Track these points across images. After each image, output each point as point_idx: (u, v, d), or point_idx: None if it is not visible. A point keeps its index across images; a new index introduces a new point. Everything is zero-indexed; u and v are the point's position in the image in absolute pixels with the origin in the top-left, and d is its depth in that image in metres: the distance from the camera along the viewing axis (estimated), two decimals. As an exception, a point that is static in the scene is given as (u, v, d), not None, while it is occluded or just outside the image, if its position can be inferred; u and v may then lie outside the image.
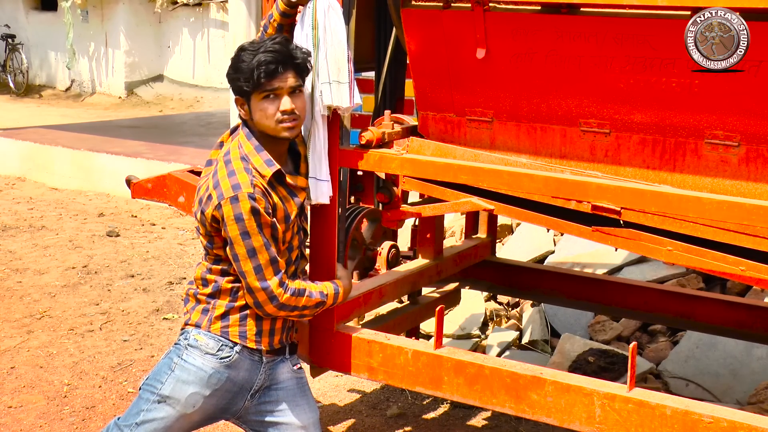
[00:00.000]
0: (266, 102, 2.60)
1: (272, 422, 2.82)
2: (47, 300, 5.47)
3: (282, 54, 2.59)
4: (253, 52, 2.59)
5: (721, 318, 3.64)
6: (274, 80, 2.58)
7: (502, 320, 4.78)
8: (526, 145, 2.91)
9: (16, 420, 3.85)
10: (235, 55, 2.65)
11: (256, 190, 2.57)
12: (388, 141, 3.07)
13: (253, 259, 2.59)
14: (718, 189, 2.56)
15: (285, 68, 2.59)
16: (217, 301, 2.72)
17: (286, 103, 2.60)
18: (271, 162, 2.64)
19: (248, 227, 2.56)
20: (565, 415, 2.67)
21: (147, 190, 4.00)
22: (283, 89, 2.60)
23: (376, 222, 3.62)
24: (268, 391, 2.81)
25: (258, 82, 2.57)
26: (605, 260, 4.81)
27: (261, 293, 2.61)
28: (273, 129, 2.63)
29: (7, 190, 8.89)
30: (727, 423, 2.42)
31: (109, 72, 15.39)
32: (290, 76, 2.61)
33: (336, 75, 2.77)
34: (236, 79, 2.62)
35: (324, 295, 2.75)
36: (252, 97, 2.61)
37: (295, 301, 2.66)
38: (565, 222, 2.81)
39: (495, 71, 2.87)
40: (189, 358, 2.71)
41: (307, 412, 2.84)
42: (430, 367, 2.90)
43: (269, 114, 2.61)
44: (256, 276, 2.60)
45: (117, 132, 10.45)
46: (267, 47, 2.59)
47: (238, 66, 2.61)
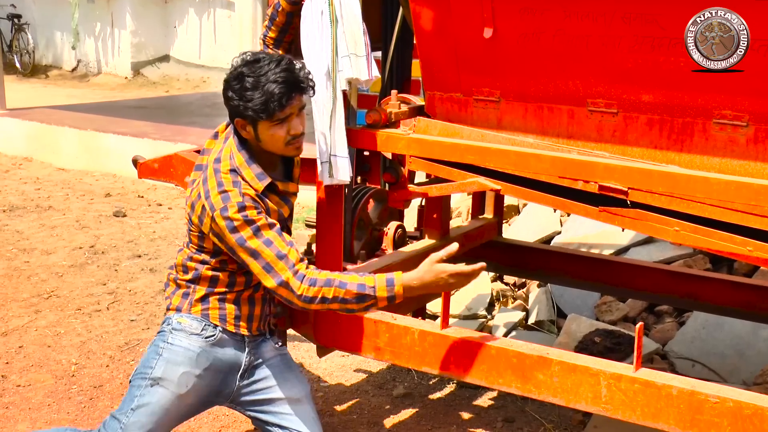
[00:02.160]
0: (276, 128, 2.62)
1: (266, 399, 2.87)
2: (54, 280, 5.48)
3: (291, 82, 2.59)
4: (259, 78, 2.56)
5: (727, 299, 3.64)
6: (287, 108, 2.59)
7: (509, 301, 4.79)
8: (533, 125, 2.90)
9: (25, 399, 3.88)
10: (234, 79, 2.61)
11: (246, 198, 2.61)
12: (394, 121, 3.06)
13: (259, 260, 2.60)
14: (726, 169, 2.55)
15: (295, 94, 2.60)
16: (196, 286, 2.78)
17: (297, 126, 2.64)
18: (263, 176, 2.67)
19: (244, 234, 2.59)
20: (571, 395, 2.68)
21: (153, 170, 4.00)
22: (293, 114, 2.62)
23: (382, 202, 3.62)
24: (256, 369, 2.87)
25: (272, 112, 2.57)
26: (612, 241, 4.80)
27: (281, 290, 2.61)
28: (282, 150, 2.67)
29: (14, 171, 8.90)
30: (733, 403, 2.42)
31: (115, 52, 15.36)
32: (298, 101, 2.63)
33: (354, 48, 2.79)
34: (243, 107, 2.59)
35: (365, 287, 2.59)
36: (260, 123, 2.61)
37: (323, 292, 2.58)
38: (572, 202, 2.80)
39: (502, 51, 2.86)
40: (175, 340, 2.76)
41: (297, 386, 2.90)
42: (437, 347, 2.91)
43: (279, 137, 2.63)
44: (268, 275, 2.60)
45: (123, 112, 10.45)
46: (276, 75, 2.56)
47: (245, 95, 2.57)
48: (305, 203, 7.03)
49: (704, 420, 2.46)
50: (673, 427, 2.53)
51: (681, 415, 2.50)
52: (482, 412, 3.78)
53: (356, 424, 3.68)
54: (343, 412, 3.78)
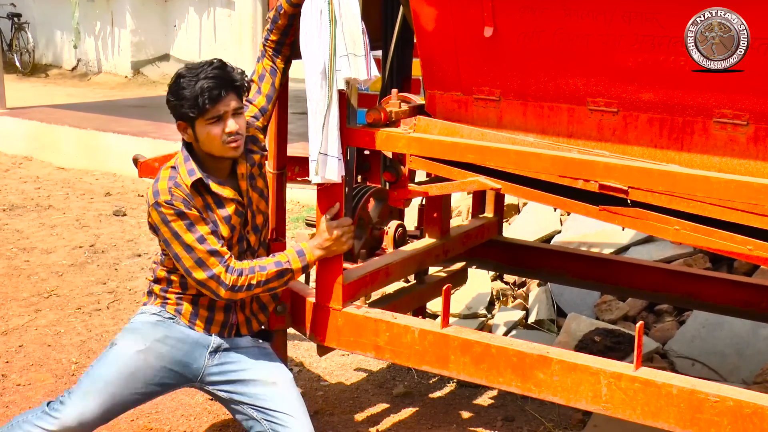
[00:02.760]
0: (211, 125, 2.70)
1: (238, 380, 2.90)
2: (54, 279, 5.49)
3: (222, 79, 2.70)
4: (192, 78, 2.69)
5: (727, 298, 3.64)
6: (219, 105, 2.69)
7: (509, 300, 4.79)
8: (534, 124, 2.90)
9: (25, 398, 3.88)
10: (173, 82, 2.75)
11: (175, 195, 2.71)
12: (395, 120, 3.06)
13: (192, 254, 2.72)
14: (727, 168, 2.55)
15: (227, 92, 2.70)
16: (157, 285, 2.91)
17: (231, 124, 2.71)
18: (193, 172, 2.76)
19: (176, 227, 2.72)
20: (571, 394, 2.68)
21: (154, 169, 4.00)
22: (227, 112, 2.70)
23: (382, 201, 3.62)
24: (229, 351, 2.92)
25: (203, 107, 2.67)
26: (612, 240, 4.80)
27: (210, 282, 2.73)
28: (219, 150, 2.74)
29: (14, 170, 8.90)
30: (733, 402, 2.42)
31: (115, 51, 15.36)
32: (232, 99, 2.72)
33: (352, 48, 2.78)
34: (179, 105, 2.71)
35: (281, 263, 2.82)
36: (197, 122, 2.71)
37: (248, 279, 2.75)
38: (572, 201, 2.80)
39: (502, 50, 2.86)
40: (134, 318, 2.90)
41: (274, 369, 2.93)
42: (437, 346, 2.91)
43: (215, 136, 2.71)
44: (200, 268, 2.72)
45: (123, 111, 10.45)
46: (207, 73, 2.68)
47: (180, 93, 2.70)
48: (305, 202, 7.03)
49: (704, 419, 2.47)
50: (673, 426, 2.53)
51: (681, 414, 2.50)
52: (482, 411, 3.78)
53: (356, 423, 3.68)
54: (343, 411, 3.78)
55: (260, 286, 2.79)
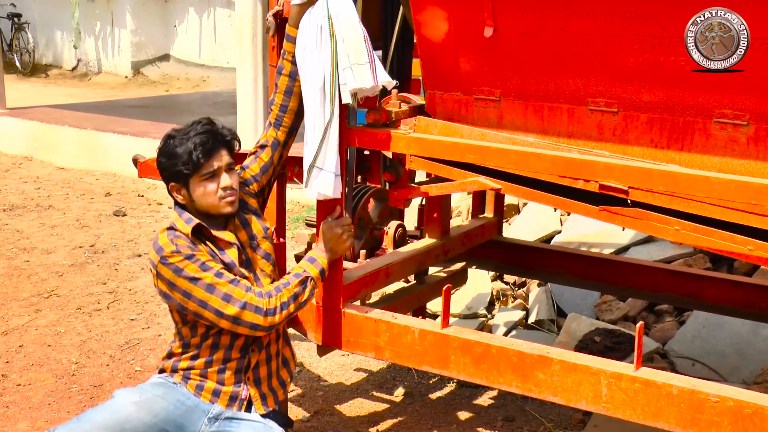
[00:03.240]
0: (206, 182, 2.69)
1: None
2: (55, 279, 5.49)
3: (212, 134, 2.71)
4: (183, 137, 2.69)
5: (727, 298, 3.64)
6: (212, 159, 2.68)
7: (509, 300, 4.79)
8: (534, 124, 2.90)
9: (25, 398, 3.88)
10: (163, 144, 2.74)
11: (179, 245, 2.64)
12: (395, 120, 3.06)
13: (216, 292, 2.63)
14: (727, 168, 2.55)
15: (219, 146, 2.70)
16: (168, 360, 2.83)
17: (225, 179, 2.71)
18: (191, 219, 2.72)
19: (191, 272, 2.63)
20: (571, 394, 2.68)
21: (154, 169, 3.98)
22: (221, 168, 2.70)
23: (382, 201, 3.62)
24: (231, 421, 2.76)
25: (198, 163, 2.65)
26: (612, 240, 4.80)
27: (245, 314, 2.64)
28: (215, 206, 2.72)
29: (14, 170, 8.90)
30: (733, 402, 2.42)
31: (115, 51, 15.36)
32: (225, 154, 2.72)
33: (355, 58, 2.77)
34: (173, 165, 2.69)
35: (299, 274, 2.80)
36: (191, 180, 2.69)
37: (279, 298, 2.70)
38: (573, 201, 2.80)
39: (503, 50, 2.86)
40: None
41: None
42: (437, 346, 2.91)
43: (210, 192, 2.69)
44: (229, 303, 2.63)
45: (123, 111, 10.45)
46: (197, 131, 2.69)
47: (172, 152, 2.68)
48: (305, 202, 7.03)
49: (704, 419, 2.46)
50: (673, 426, 2.53)
51: (681, 414, 2.50)
52: (482, 411, 3.78)
53: (356, 423, 3.68)
54: (344, 411, 3.78)
55: (292, 301, 2.72)
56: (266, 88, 7.21)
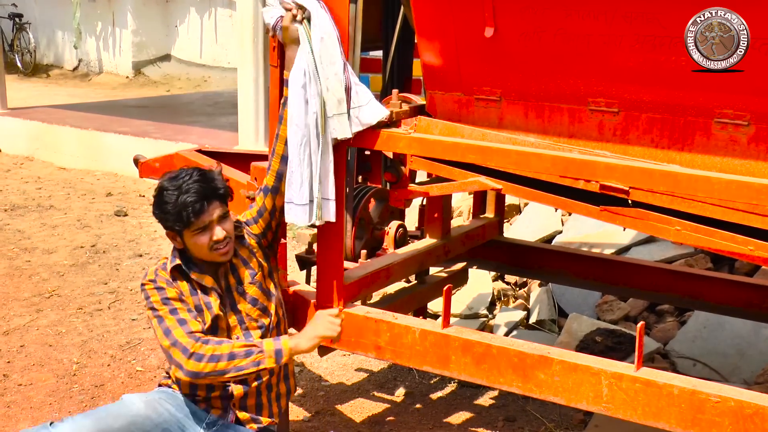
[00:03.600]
0: (198, 235, 2.73)
1: None
2: (56, 279, 5.49)
3: (204, 190, 2.71)
4: (174, 192, 2.71)
5: (728, 298, 3.64)
6: (203, 216, 2.71)
7: (510, 300, 4.79)
8: (534, 124, 2.90)
9: (26, 398, 3.88)
10: (157, 194, 2.78)
11: (159, 276, 2.77)
12: (395, 120, 3.06)
13: (162, 324, 2.72)
14: (728, 168, 2.55)
15: (210, 202, 2.72)
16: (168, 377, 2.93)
17: (218, 233, 2.74)
18: (174, 260, 2.80)
19: (153, 302, 2.74)
20: (572, 395, 2.68)
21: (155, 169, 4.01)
22: (212, 222, 2.73)
23: (383, 202, 3.62)
24: (227, 428, 2.85)
25: (188, 221, 2.70)
26: (613, 240, 4.80)
27: (174, 351, 2.68)
28: (209, 256, 2.78)
29: (16, 170, 8.91)
30: (734, 402, 2.42)
31: (116, 52, 15.37)
32: (216, 208, 2.74)
33: (336, 108, 2.81)
34: (165, 219, 2.75)
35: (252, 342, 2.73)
36: (184, 233, 2.74)
37: (216, 349, 2.66)
38: (573, 201, 2.80)
39: (503, 50, 2.86)
40: None
41: None
42: (438, 346, 2.91)
43: (202, 244, 2.74)
44: (166, 337, 2.70)
45: (124, 111, 10.45)
46: (189, 186, 2.70)
47: (164, 207, 2.73)
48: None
49: (705, 419, 2.46)
50: (674, 426, 2.52)
51: (682, 414, 2.50)
52: (483, 411, 3.78)
53: (357, 424, 3.68)
54: (345, 411, 3.78)
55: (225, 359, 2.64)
56: (267, 88, 7.21)
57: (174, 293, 2.76)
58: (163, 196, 2.73)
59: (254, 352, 2.67)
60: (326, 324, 2.78)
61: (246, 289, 2.87)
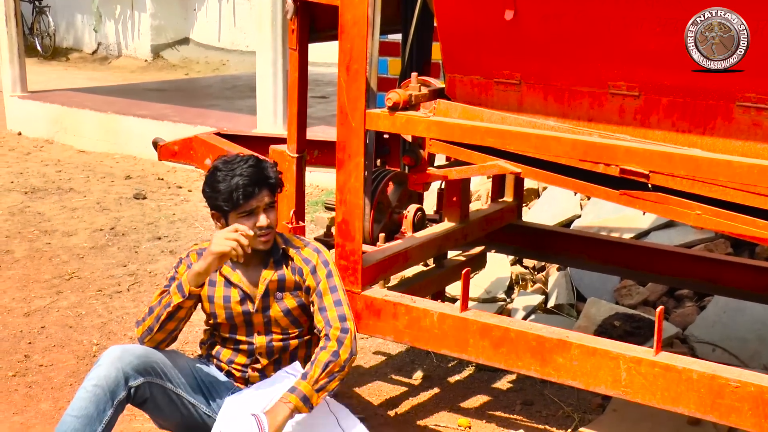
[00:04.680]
0: (244, 219, 2.80)
1: None
2: (76, 261, 5.52)
3: (257, 176, 2.79)
4: (228, 173, 2.78)
5: (749, 283, 3.62)
6: (252, 200, 2.78)
7: (528, 284, 4.78)
8: (554, 108, 2.89)
9: (47, 378, 3.92)
10: (210, 174, 2.86)
11: (186, 259, 2.97)
12: (414, 103, 3.05)
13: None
14: (749, 152, 2.53)
15: (260, 189, 2.79)
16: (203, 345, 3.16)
17: (262, 220, 2.81)
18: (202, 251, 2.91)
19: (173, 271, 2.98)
20: (590, 379, 2.68)
21: (173, 152, 4.02)
22: (259, 207, 2.80)
23: (402, 185, 3.62)
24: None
25: (237, 202, 2.77)
26: (632, 224, 4.78)
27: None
28: (251, 243, 2.80)
29: (36, 153, 8.96)
30: (754, 388, 2.42)
31: (135, 35, 15.40)
32: (266, 195, 2.82)
33: None
34: (214, 198, 2.83)
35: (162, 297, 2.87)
36: (230, 214, 2.81)
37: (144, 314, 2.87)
38: (593, 185, 2.79)
39: (523, 33, 2.84)
40: None
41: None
42: (456, 329, 2.91)
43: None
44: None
45: (143, 95, 10.48)
46: (243, 170, 2.78)
47: (215, 186, 2.81)
48: (324, 186, 7.03)
49: (725, 404, 2.46)
50: (693, 411, 2.52)
51: (701, 399, 2.49)
52: (501, 395, 3.78)
53: (375, 407, 3.69)
54: (362, 394, 3.79)
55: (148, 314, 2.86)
56: (285, 71, 7.21)
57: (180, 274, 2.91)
58: (216, 176, 2.81)
59: (164, 296, 2.83)
60: (219, 240, 2.76)
61: (284, 297, 2.94)
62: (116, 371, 2.70)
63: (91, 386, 2.68)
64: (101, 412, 2.67)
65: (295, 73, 3.28)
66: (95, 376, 2.70)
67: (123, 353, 2.75)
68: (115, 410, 2.71)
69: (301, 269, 2.94)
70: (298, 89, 3.28)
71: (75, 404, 2.68)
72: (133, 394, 2.75)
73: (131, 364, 2.73)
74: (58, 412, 3.58)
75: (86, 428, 2.64)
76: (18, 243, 5.90)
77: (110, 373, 2.69)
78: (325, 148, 3.85)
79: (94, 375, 2.70)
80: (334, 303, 2.90)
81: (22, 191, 7.29)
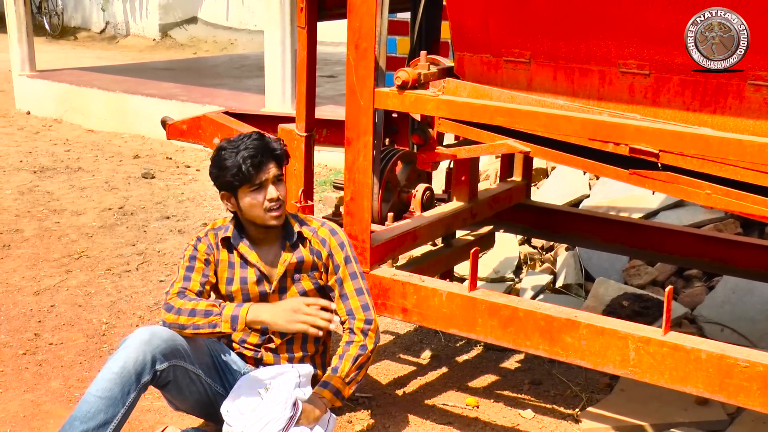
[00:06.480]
0: (254, 193, 2.83)
1: None
2: (85, 240, 5.54)
3: (262, 147, 2.82)
4: (233, 150, 2.81)
5: (758, 263, 3.61)
6: (261, 172, 2.81)
7: (536, 264, 4.78)
8: (564, 86, 2.87)
9: (57, 356, 3.93)
10: (215, 155, 2.88)
11: (206, 238, 2.96)
12: (423, 82, 3.04)
13: (176, 275, 2.94)
14: (761, 131, 2.51)
15: (267, 159, 2.81)
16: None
17: (272, 191, 2.83)
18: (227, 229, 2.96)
19: (185, 254, 2.95)
20: (599, 358, 2.68)
21: (182, 131, 4.02)
22: (268, 180, 2.82)
23: (410, 164, 3.61)
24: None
25: (247, 174, 2.78)
26: (641, 204, 4.77)
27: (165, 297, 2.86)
28: (261, 218, 2.86)
29: (44, 132, 8.96)
30: (763, 368, 2.41)
31: (143, 14, 15.37)
32: (272, 167, 2.83)
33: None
34: (223, 175, 2.84)
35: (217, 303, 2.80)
36: (240, 191, 2.83)
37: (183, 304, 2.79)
38: (602, 165, 2.78)
39: (533, 11, 2.82)
40: None
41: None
42: (465, 309, 2.91)
43: (257, 203, 2.83)
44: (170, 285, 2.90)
45: (151, 74, 10.47)
46: (247, 144, 2.82)
47: (222, 164, 2.83)
48: (333, 165, 7.03)
49: (733, 384, 2.46)
50: (701, 390, 2.52)
51: (710, 378, 2.49)
52: (509, 374, 3.78)
53: (383, 386, 3.70)
54: (370, 373, 3.80)
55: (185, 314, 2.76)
56: (294, 50, 7.19)
57: (202, 255, 2.93)
58: (222, 155, 2.84)
59: (213, 313, 2.76)
60: (287, 315, 2.74)
61: (301, 278, 2.98)
62: (144, 354, 2.69)
63: (118, 368, 2.68)
64: (125, 395, 2.67)
65: (304, 52, 3.26)
66: (122, 357, 2.69)
67: (152, 337, 2.73)
68: (138, 393, 2.71)
69: (319, 251, 2.96)
70: (306, 68, 3.27)
71: (99, 384, 2.67)
72: (158, 377, 2.76)
73: (159, 347, 2.72)
74: (68, 390, 3.60)
75: (109, 409, 2.65)
76: (27, 222, 5.92)
77: (138, 356, 2.69)
78: (334, 127, 3.84)
79: (122, 356, 2.69)
80: (356, 291, 2.95)
81: (31, 170, 7.30)
